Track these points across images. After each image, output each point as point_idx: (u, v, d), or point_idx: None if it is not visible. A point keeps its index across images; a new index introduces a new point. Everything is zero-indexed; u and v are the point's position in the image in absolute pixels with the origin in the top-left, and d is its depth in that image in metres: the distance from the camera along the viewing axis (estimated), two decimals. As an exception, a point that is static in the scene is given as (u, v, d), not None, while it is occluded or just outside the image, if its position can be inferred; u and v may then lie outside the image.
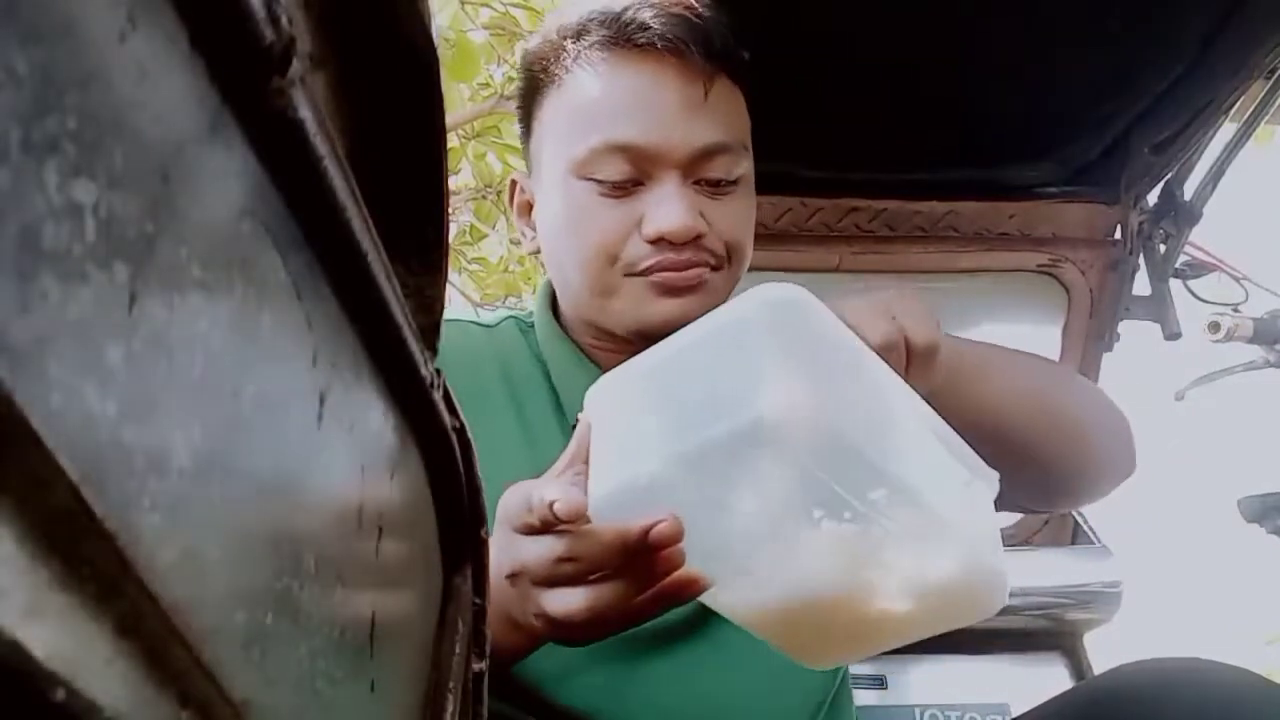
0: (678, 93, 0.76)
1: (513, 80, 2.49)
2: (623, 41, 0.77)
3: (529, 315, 0.92)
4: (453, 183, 2.81)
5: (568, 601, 0.54)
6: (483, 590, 0.38)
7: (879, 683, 1.41)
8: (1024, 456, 0.80)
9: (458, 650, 0.34)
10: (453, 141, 2.73)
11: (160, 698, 0.14)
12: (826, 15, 1.00)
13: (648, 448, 0.55)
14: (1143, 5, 0.98)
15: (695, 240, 0.77)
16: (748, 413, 0.50)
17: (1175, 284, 1.35)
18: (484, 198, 2.93)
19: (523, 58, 0.86)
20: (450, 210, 0.31)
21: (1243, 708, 0.67)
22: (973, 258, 1.29)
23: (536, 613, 0.55)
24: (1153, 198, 1.29)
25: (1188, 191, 1.28)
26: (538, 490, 0.53)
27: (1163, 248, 1.32)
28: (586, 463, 0.58)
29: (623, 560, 0.52)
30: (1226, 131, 1.20)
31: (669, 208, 0.75)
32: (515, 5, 2.50)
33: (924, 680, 1.41)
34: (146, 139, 0.14)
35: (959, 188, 1.24)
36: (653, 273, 0.77)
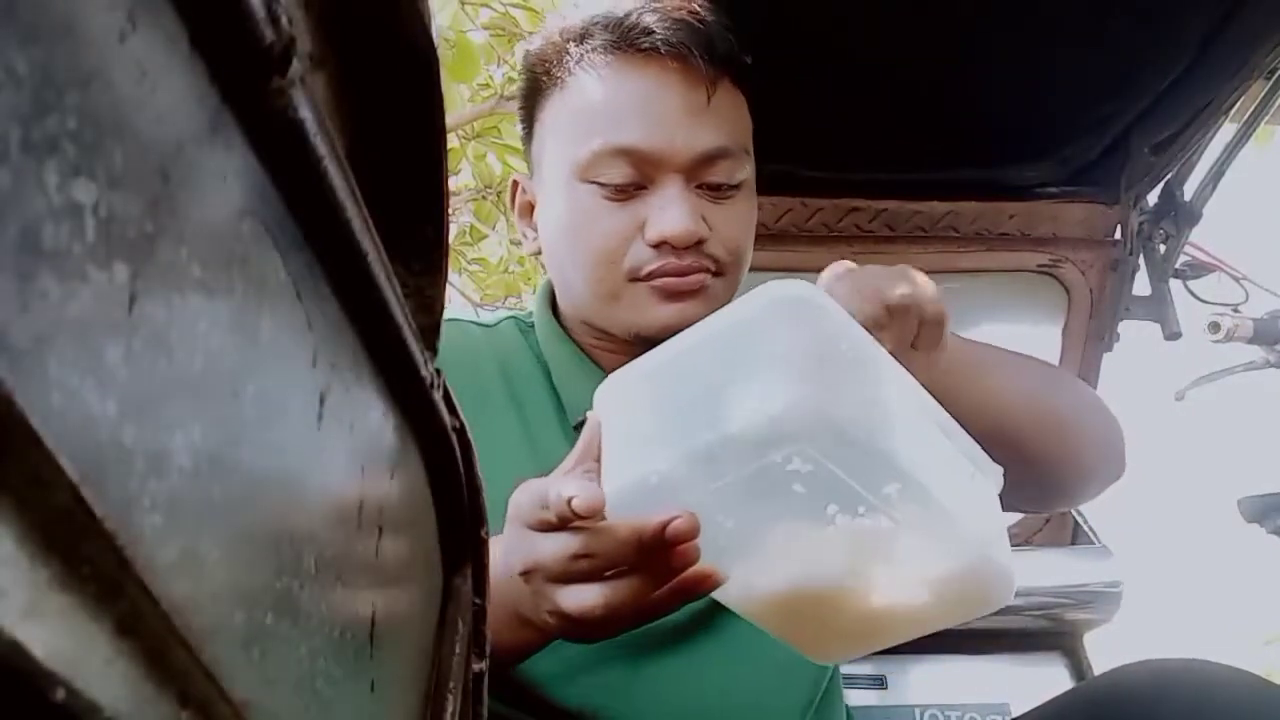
0: (681, 97, 0.76)
1: (513, 81, 2.49)
2: (626, 46, 0.77)
3: (529, 316, 0.92)
4: (453, 183, 2.81)
5: (583, 598, 0.53)
6: (483, 590, 0.38)
7: (879, 682, 1.41)
8: (1014, 455, 0.80)
9: (458, 650, 0.34)
10: (453, 142, 2.73)
11: (160, 698, 0.14)
12: (826, 16, 1.00)
13: (659, 445, 0.55)
14: (1143, 5, 0.98)
15: (697, 245, 0.77)
16: (758, 410, 0.50)
17: (1175, 284, 1.35)
18: (484, 198, 2.94)
19: (525, 59, 0.86)
20: (450, 210, 0.31)
21: (1241, 708, 0.67)
22: (973, 258, 1.28)
23: (551, 609, 0.55)
24: (1153, 198, 1.29)
25: (1188, 192, 1.28)
26: (554, 486, 0.52)
27: (1163, 248, 1.32)
28: (598, 460, 0.58)
29: (638, 556, 0.52)
30: (1226, 131, 1.21)
31: (672, 212, 0.76)
32: (515, 5, 2.50)
33: (924, 680, 1.41)
34: (146, 139, 0.14)
35: (959, 188, 1.24)
36: (655, 277, 0.77)
